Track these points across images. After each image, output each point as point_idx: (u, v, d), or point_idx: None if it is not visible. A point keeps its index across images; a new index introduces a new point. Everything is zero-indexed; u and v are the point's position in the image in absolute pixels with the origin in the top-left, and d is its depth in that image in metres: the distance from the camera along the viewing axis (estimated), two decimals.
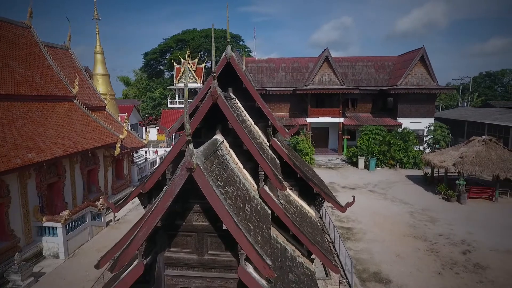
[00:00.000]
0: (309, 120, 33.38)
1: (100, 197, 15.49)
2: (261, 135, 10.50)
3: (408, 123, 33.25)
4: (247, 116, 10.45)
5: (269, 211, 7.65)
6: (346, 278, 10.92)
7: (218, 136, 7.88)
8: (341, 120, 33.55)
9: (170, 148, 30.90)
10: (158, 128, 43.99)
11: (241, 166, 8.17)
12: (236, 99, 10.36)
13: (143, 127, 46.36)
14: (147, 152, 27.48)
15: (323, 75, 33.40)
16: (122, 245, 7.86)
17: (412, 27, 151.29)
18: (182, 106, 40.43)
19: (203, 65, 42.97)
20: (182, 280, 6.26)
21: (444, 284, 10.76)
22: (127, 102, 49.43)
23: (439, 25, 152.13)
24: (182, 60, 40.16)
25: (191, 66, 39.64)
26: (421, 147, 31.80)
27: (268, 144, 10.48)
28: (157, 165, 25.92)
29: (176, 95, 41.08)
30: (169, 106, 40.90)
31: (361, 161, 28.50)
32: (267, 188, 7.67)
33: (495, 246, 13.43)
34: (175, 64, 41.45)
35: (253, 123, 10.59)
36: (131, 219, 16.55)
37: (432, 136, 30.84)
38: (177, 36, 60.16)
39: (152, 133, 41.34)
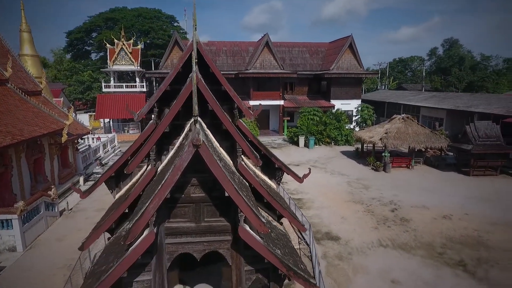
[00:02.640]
0: (252, 103, 34.68)
1: (52, 187, 14.74)
2: (228, 117, 11.35)
3: (340, 105, 36.75)
4: None
5: (247, 183, 8.68)
6: (304, 239, 12.64)
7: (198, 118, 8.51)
8: (282, 102, 35.61)
9: (111, 135, 29.57)
10: (91, 114, 41.18)
11: (218, 144, 9.02)
12: None
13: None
14: (88, 139, 25.98)
15: (264, 60, 34.78)
16: (104, 228, 8.21)
17: (337, 14, 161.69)
18: (119, 90, 38.25)
19: (139, 46, 40.79)
20: (181, 247, 7.03)
21: (380, 235, 13.17)
22: (50, 86, 44.74)
23: (360, 13, 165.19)
24: (116, 40, 37.62)
25: (127, 48, 37.44)
26: (351, 126, 35.62)
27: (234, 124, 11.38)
28: (101, 152, 24.83)
29: (111, 79, 38.59)
30: (103, 90, 38.28)
31: (301, 140, 30.96)
32: (244, 163, 8.66)
33: (414, 203, 16.55)
34: (108, 45, 38.64)
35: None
36: (85, 207, 16.08)
37: (360, 116, 34.72)
38: (105, 14, 55.45)
39: (84, 120, 38.58)
